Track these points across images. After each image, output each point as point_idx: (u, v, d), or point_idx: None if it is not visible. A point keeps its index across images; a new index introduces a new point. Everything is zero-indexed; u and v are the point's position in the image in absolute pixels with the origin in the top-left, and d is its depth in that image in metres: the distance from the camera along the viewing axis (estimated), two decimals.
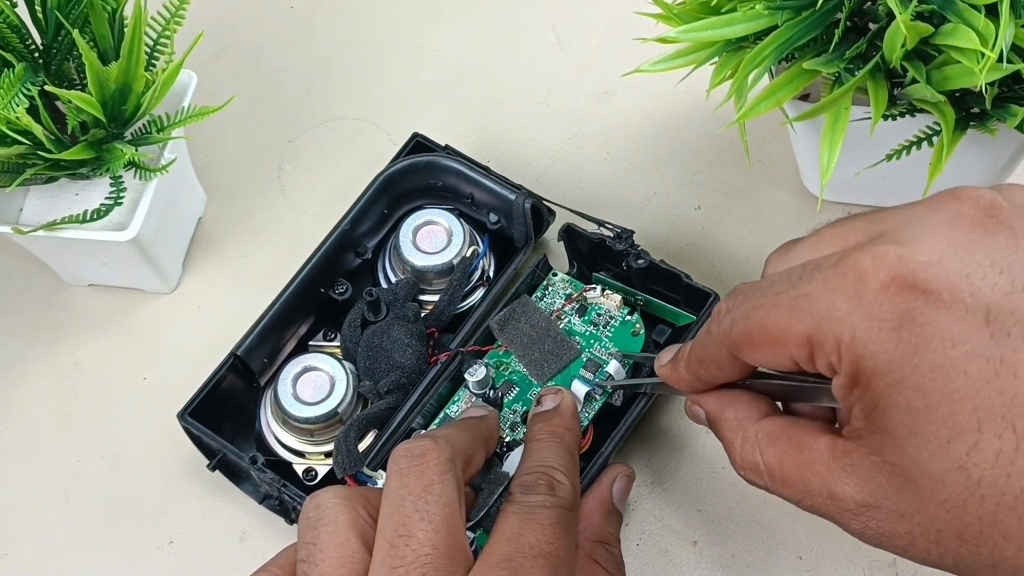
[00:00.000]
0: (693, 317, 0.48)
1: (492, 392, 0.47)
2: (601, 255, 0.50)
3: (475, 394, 0.48)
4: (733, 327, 0.35)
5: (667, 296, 0.49)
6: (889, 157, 0.44)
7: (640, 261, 0.48)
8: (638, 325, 0.48)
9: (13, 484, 0.52)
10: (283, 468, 0.49)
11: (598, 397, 0.46)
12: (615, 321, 0.48)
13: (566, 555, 0.36)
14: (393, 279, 0.53)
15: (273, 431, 0.50)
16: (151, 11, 0.50)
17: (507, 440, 0.46)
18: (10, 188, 0.48)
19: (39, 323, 0.57)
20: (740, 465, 0.37)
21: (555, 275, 0.50)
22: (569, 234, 0.50)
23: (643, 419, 0.49)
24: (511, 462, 0.43)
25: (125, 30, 0.49)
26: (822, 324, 0.32)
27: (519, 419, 0.47)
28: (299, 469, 0.49)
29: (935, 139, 0.43)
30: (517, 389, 0.48)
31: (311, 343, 0.52)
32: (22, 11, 0.49)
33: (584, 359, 0.47)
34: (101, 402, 0.54)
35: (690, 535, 0.46)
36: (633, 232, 0.48)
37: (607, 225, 0.49)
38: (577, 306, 0.49)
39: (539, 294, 0.50)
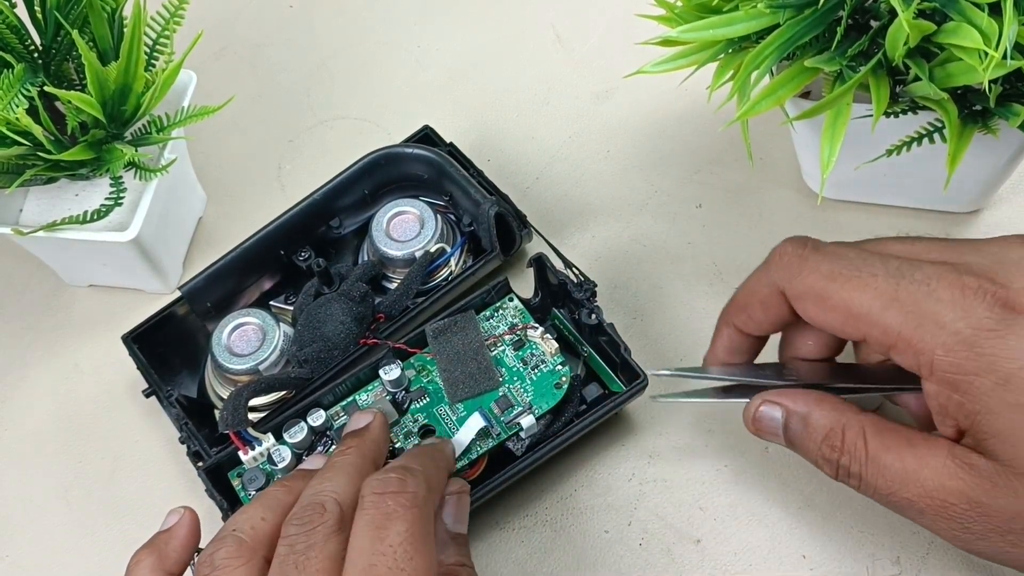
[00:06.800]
0: (623, 388, 0.47)
1: (403, 394, 0.47)
2: (564, 295, 0.49)
3: (388, 391, 0.47)
4: (803, 277, 0.38)
5: (610, 358, 0.48)
6: (890, 152, 0.44)
7: (592, 317, 0.47)
8: (564, 379, 0.46)
9: (14, 486, 0.52)
10: (208, 412, 0.50)
11: (494, 436, 0.46)
12: (544, 367, 0.47)
13: None
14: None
15: (209, 377, 0.51)
16: (150, 11, 0.49)
17: (397, 446, 0.46)
18: (10, 189, 0.48)
19: (39, 324, 0.56)
20: (832, 451, 0.38)
21: (510, 299, 0.49)
22: (539, 264, 0.49)
23: (644, 417, 0.49)
24: None
25: (124, 30, 0.49)
26: (923, 326, 0.35)
27: (416, 429, 0.46)
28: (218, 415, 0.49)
29: (936, 136, 0.43)
30: (427, 400, 0.47)
31: (272, 303, 0.53)
32: (21, 12, 0.49)
33: (499, 394, 0.46)
34: (101, 403, 0.53)
35: (693, 534, 0.46)
36: (595, 285, 0.47)
37: (574, 269, 0.48)
38: (516, 338, 0.48)
39: (488, 313, 0.49)
